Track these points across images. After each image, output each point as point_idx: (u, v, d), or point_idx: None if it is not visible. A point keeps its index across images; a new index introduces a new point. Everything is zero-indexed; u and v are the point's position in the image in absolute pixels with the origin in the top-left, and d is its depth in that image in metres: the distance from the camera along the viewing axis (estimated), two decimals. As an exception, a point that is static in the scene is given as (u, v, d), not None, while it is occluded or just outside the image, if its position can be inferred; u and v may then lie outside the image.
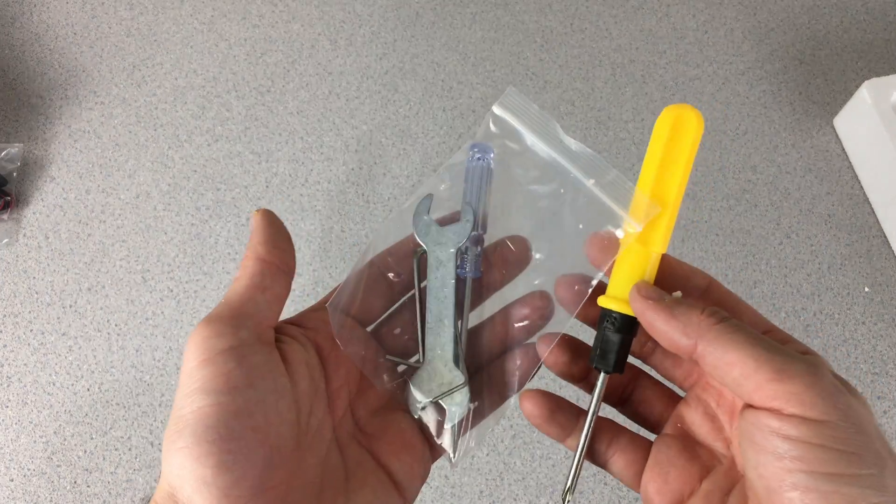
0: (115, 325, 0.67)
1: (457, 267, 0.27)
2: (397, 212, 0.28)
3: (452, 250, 0.27)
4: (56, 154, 0.75)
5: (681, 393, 0.27)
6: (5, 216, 0.71)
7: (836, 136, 0.77)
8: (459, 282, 0.27)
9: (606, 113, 0.78)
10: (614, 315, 0.25)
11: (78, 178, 0.74)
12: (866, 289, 0.70)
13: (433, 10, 0.84)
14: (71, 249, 0.70)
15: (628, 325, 0.25)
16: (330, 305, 0.26)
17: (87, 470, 0.62)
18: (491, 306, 0.28)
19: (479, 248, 0.28)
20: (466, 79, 0.80)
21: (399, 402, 0.27)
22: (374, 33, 0.82)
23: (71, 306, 0.68)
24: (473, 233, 0.27)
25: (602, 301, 0.25)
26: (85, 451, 0.62)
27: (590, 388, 0.26)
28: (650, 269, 0.25)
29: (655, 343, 0.26)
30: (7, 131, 0.76)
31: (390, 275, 0.27)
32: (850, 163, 0.76)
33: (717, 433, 0.24)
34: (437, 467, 0.62)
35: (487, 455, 0.63)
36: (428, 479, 0.61)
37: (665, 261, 0.25)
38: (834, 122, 0.77)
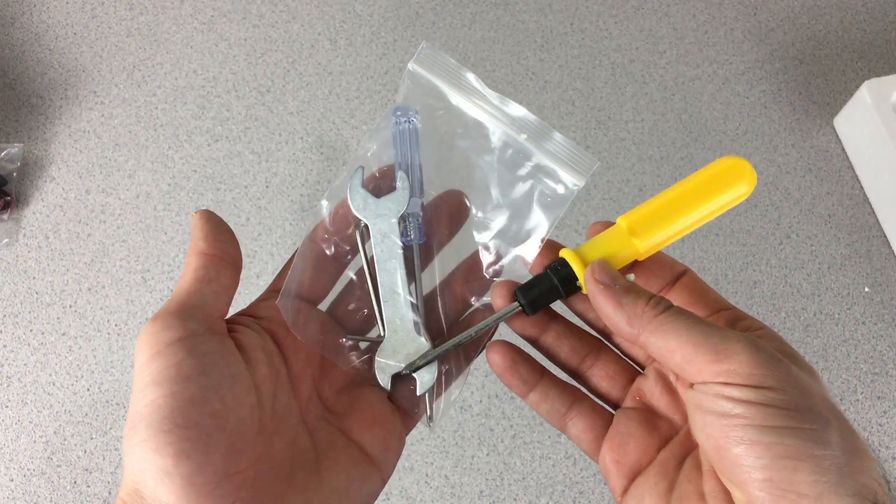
0: (115, 325, 0.67)
1: (401, 235, 0.27)
2: (331, 188, 0.27)
3: (394, 220, 0.27)
4: (56, 154, 0.75)
5: (639, 370, 0.27)
6: (5, 216, 0.71)
7: (836, 136, 0.77)
8: (406, 250, 0.27)
9: (606, 113, 0.78)
10: (564, 266, 0.25)
11: (78, 178, 0.74)
12: (866, 289, 0.70)
13: (433, 10, 0.84)
14: (71, 249, 0.70)
15: (567, 280, 0.25)
16: (281, 294, 0.26)
17: (87, 470, 0.62)
18: (442, 266, 0.28)
19: (420, 214, 0.27)
20: (466, 79, 0.80)
21: (365, 377, 0.27)
22: (374, 33, 0.82)
23: (71, 306, 0.68)
24: (412, 198, 0.27)
25: (564, 252, 0.26)
26: (85, 451, 0.62)
27: (547, 352, 0.27)
28: (622, 257, 0.25)
29: None
30: (7, 131, 0.76)
31: (332, 250, 0.27)
32: (850, 163, 0.76)
33: (676, 405, 0.25)
34: (438, 467, 0.62)
35: (487, 455, 0.63)
36: (428, 479, 0.61)
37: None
38: (834, 122, 0.77)
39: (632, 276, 0.25)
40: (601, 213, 0.73)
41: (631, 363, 0.27)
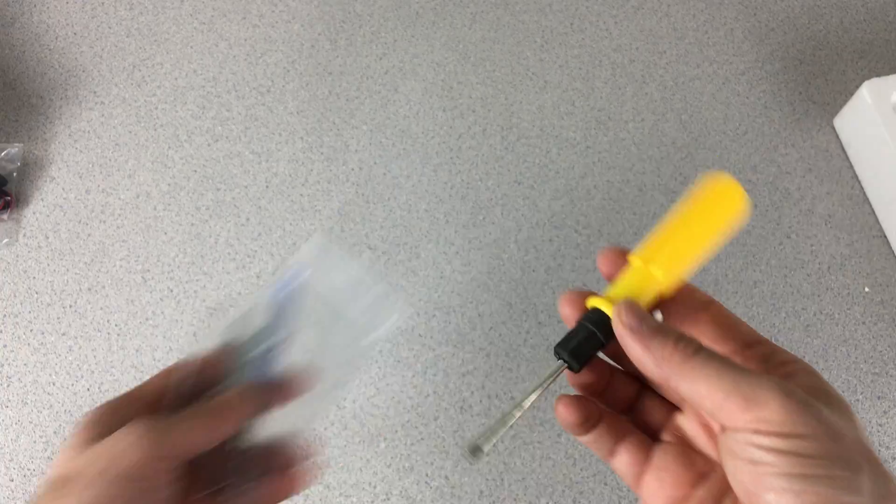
0: (115, 325, 0.67)
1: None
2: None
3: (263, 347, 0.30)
4: (56, 154, 0.75)
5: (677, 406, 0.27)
6: (5, 216, 0.71)
7: (836, 136, 0.77)
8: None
9: (606, 113, 0.78)
10: (595, 312, 0.25)
11: (78, 178, 0.74)
12: (866, 289, 0.70)
13: (433, 9, 0.84)
14: (71, 249, 0.70)
15: (603, 325, 0.25)
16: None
17: (87, 470, 0.62)
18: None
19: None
20: (466, 79, 0.80)
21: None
22: (374, 33, 0.82)
23: (71, 306, 0.68)
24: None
25: (591, 300, 0.26)
26: (85, 451, 0.62)
27: (605, 399, 0.27)
28: (647, 294, 0.25)
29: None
30: (7, 131, 0.76)
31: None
32: (850, 163, 0.76)
33: (712, 442, 0.25)
34: (438, 467, 0.62)
35: (487, 455, 0.63)
36: (428, 480, 0.61)
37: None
38: (834, 122, 0.77)
39: (659, 315, 0.25)
40: (601, 213, 0.73)
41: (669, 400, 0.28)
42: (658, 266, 0.25)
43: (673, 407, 0.27)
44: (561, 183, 0.74)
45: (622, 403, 0.28)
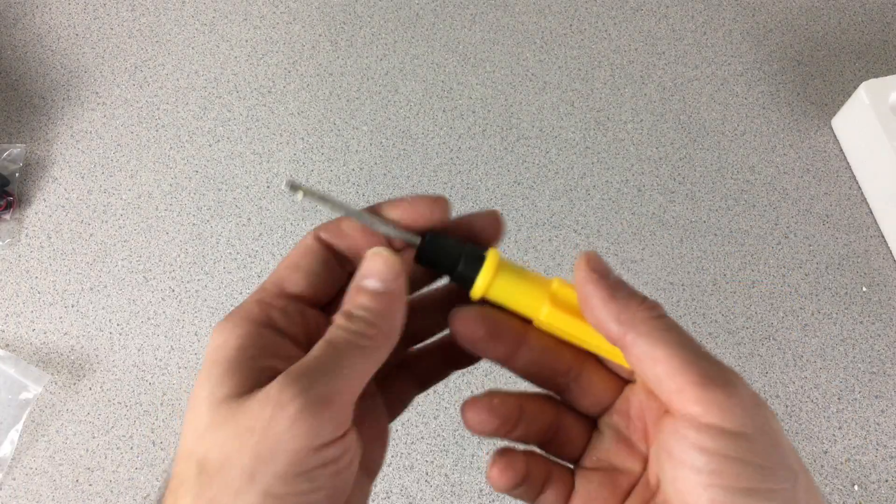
0: (117, 325, 0.68)
1: None
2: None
3: None
4: (58, 154, 0.75)
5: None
6: (7, 216, 0.71)
7: (834, 136, 0.77)
8: None
9: (605, 114, 0.78)
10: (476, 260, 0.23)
11: (80, 179, 0.74)
12: (864, 288, 0.70)
13: (433, 11, 0.84)
14: (73, 249, 0.71)
15: (470, 264, 0.23)
16: None
17: (88, 469, 0.62)
18: None
19: None
20: (466, 80, 0.80)
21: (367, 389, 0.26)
22: (375, 35, 0.82)
23: (73, 306, 0.68)
24: None
25: (492, 253, 0.23)
26: (87, 450, 0.63)
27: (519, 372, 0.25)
28: (523, 306, 0.23)
29: (569, 377, 0.25)
30: (9, 132, 0.76)
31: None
32: (847, 163, 0.76)
33: (632, 455, 0.24)
34: (438, 465, 0.62)
35: (487, 454, 0.63)
36: (428, 478, 0.62)
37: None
38: (832, 122, 0.78)
39: (619, 275, 0.23)
40: (600, 213, 0.73)
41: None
42: (554, 309, 0.23)
43: (591, 423, 0.26)
44: (560, 183, 0.75)
45: (538, 434, 0.25)
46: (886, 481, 0.63)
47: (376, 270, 0.22)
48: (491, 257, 0.23)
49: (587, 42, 0.83)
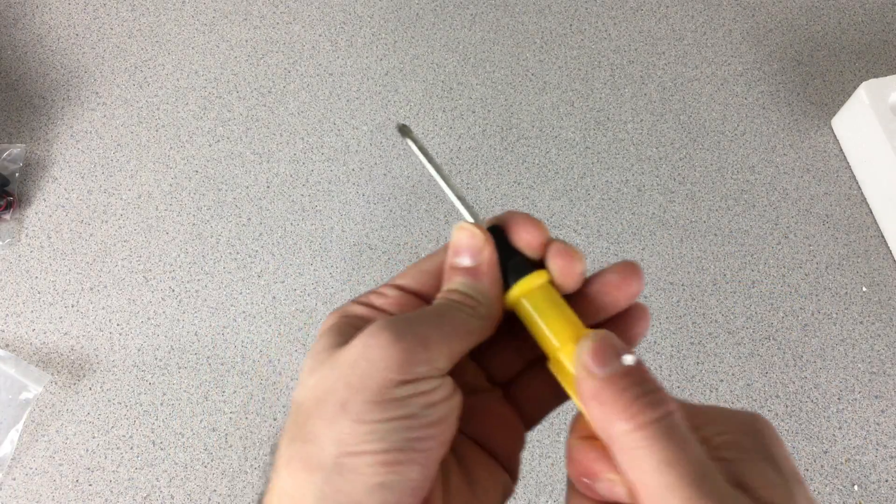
0: (117, 325, 0.68)
1: None
2: None
3: None
4: (58, 154, 0.75)
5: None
6: (8, 216, 0.71)
7: (834, 136, 0.77)
8: None
9: (605, 114, 0.78)
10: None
11: (80, 179, 0.74)
12: (864, 288, 0.70)
13: (433, 11, 0.84)
14: (73, 249, 0.71)
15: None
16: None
17: (88, 469, 0.62)
18: None
19: None
20: (466, 80, 0.80)
21: (478, 381, 0.25)
22: (375, 35, 0.82)
23: (73, 306, 0.68)
24: None
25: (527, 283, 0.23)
26: (87, 450, 0.63)
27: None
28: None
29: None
30: (9, 132, 0.76)
31: None
32: (847, 163, 0.76)
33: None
34: (437, 466, 0.62)
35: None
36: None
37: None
38: (832, 122, 0.78)
39: (630, 358, 0.19)
40: (600, 213, 0.73)
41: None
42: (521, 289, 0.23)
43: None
44: (560, 183, 0.75)
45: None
46: (886, 481, 0.63)
47: (464, 245, 0.23)
48: (542, 273, 0.23)
49: (587, 42, 0.83)
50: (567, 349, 0.21)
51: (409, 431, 0.19)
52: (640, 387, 0.19)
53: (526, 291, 0.22)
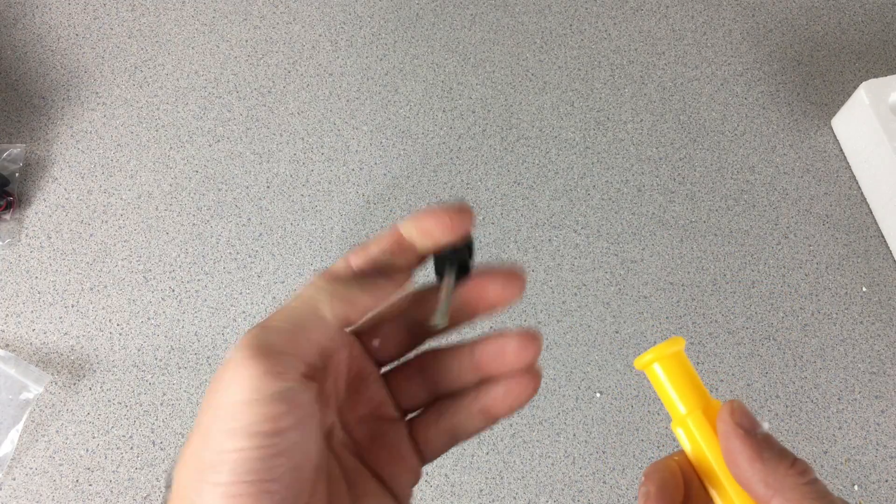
0: (118, 325, 0.68)
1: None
2: None
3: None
4: (58, 154, 0.75)
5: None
6: (7, 216, 0.71)
7: (834, 136, 0.77)
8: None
9: (605, 114, 0.78)
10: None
11: (80, 179, 0.74)
12: (864, 289, 0.70)
13: (433, 11, 0.84)
14: (73, 249, 0.71)
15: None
16: None
17: (88, 469, 0.62)
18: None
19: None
20: (466, 80, 0.80)
21: (386, 410, 0.26)
22: (375, 35, 0.83)
23: (73, 306, 0.68)
24: None
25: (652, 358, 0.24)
26: (87, 450, 0.63)
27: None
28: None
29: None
30: (9, 132, 0.76)
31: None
32: (847, 163, 0.76)
33: None
34: (438, 465, 0.62)
35: (487, 454, 0.63)
36: (428, 479, 0.62)
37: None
38: (832, 122, 0.78)
39: (766, 427, 0.22)
40: (600, 213, 0.73)
41: None
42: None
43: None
44: (560, 183, 0.75)
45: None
46: (886, 481, 0.63)
47: (387, 244, 0.24)
48: (676, 341, 0.24)
49: (587, 42, 0.83)
50: (696, 414, 0.23)
51: (258, 462, 0.19)
52: (787, 450, 0.21)
53: (661, 357, 0.24)
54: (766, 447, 0.21)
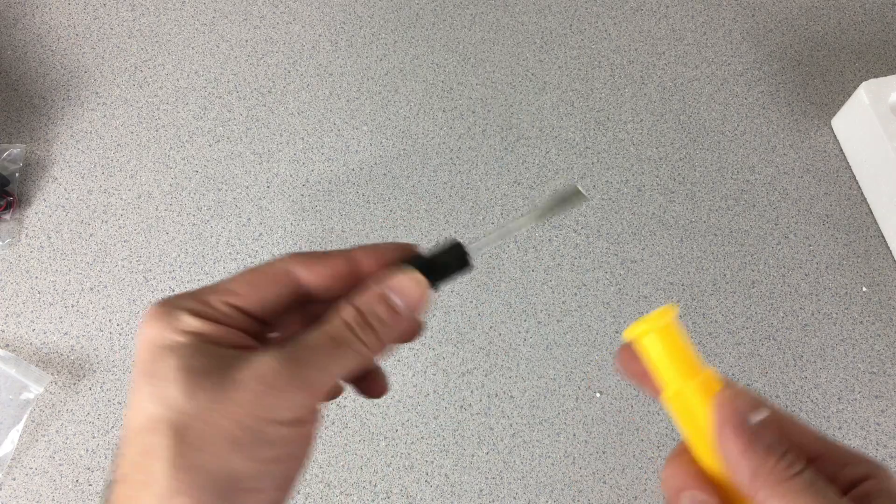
0: (117, 325, 0.68)
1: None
2: None
3: None
4: (58, 154, 0.75)
5: None
6: (8, 216, 0.71)
7: (834, 136, 0.77)
8: None
9: (605, 114, 0.78)
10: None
11: (80, 179, 0.74)
12: (864, 288, 0.70)
13: (433, 11, 0.84)
14: (73, 249, 0.71)
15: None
16: None
17: (88, 469, 0.62)
18: None
19: None
20: (466, 80, 0.80)
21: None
22: (375, 35, 0.83)
23: (73, 306, 0.68)
24: None
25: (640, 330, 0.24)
26: (87, 450, 0.63)
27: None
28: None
29: None
30: (9, 132, 0.76)
31: None
32: (847, 163, 0.76)
33: None
34: (438, 465, 0.62)
35: (487, 454, 0.63)
36: (428, 478, 0.62)
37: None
38: (832, 122, 0.78)
39: (765, 413, 0.21)
40: (600, 213, 0.73)
41: None
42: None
43: None
44: (560, 183, 0.75)
45: None
46: (886, 481, 0.62)
47: (407, 292, 0.24)
48: (666, 311, 0.23)
49: (587, 42, 0.83)
50: (689, 385, 0.23)
51: (288, 466, 0.22)
52: (780, 440, 0.20)
53: (655, 328, 0.23)
54: (756, 439, 0.20)
